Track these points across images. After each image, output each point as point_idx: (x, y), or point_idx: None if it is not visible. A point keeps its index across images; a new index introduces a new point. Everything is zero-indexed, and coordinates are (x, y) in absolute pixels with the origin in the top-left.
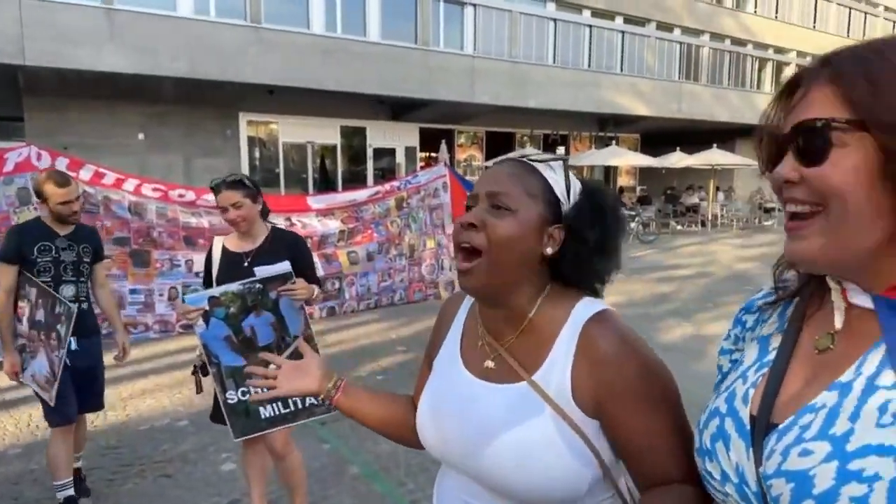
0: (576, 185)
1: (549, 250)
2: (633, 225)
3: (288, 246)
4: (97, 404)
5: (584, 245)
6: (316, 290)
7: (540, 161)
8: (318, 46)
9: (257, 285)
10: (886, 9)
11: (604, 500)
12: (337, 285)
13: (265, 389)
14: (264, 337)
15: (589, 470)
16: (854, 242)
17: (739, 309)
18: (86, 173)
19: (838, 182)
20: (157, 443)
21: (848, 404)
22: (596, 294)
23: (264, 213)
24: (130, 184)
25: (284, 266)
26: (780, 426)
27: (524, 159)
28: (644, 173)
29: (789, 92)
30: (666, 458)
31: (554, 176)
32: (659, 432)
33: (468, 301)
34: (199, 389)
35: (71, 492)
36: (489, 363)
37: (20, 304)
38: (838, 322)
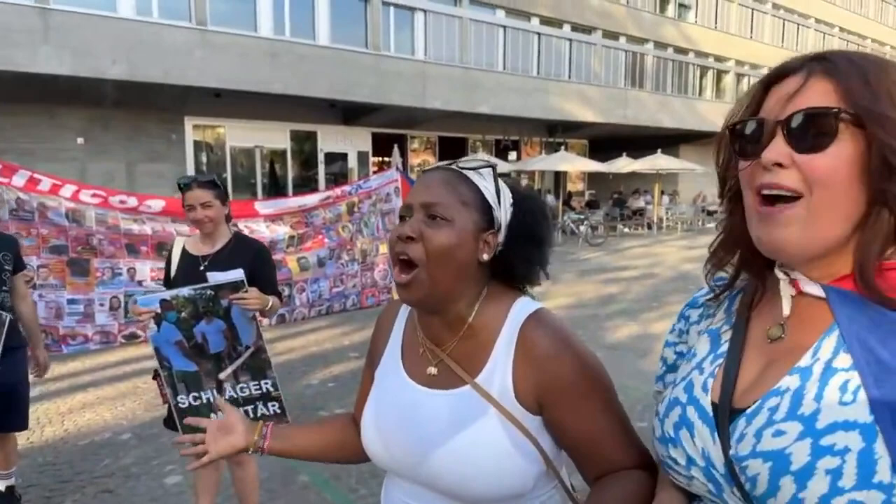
0: (505, 191)
1: (484, 256)
2: (581, 228)
3: (249, 254)
4: (19, 424)
5: (516, 248)
6: (271, 301)
7: (470, 169)
8: (266, 49)
9: (209, 291)
10: (817, 20)
11: (547, 492)
12: (287, 292)
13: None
14: (215, 344)
15: (534, 465)
16: (826, 233)
17: (684, 304)
18: (19, 179)
19: (830, 172)
20: (97, 458)
21: (811, 386)
22: (529, 290)
23: (227, 219)
24: (68, 190)
25: (237, 274)
26: (748, 410)
27: (455, 167)
28: (592, 178)
29: (770, 83)
30: (611, 449)
31: (484, 183)
32: (600, 424)
33: (405, 309)
34: (165, 399)
35: None
36: (432, 370)
37: None
38: (786, 310)
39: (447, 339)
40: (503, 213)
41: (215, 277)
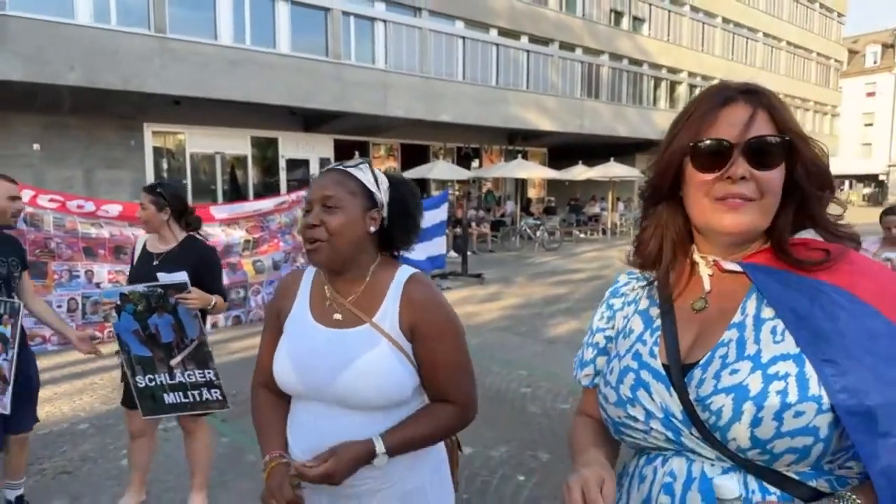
0: (382, 178)
1: (372, 228)
2: (538, 233)
3: (195, 256)
4: (32, 421)
5: (395, 219)
6: (214, 300)
7: (352, 166)
8: (226, 57)
9: (159, 290)
10: (765, 34)
11: (418, 403)
12: (242, 294)
13: None
14: (166, 336)
15: (412, 378)
16: (763, 223)
17: (607, 294)
18: None
19: (776, 183)
20: (56, 445)
21: (748, 334)
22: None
23: (190, 225)
24: (25, 194)
25: (181, 276)
26: (700, 362)
27: (341, 167)
28: (552, 185)
29: (721, 105)
30: (447, 378)
31: (365, 175)
32: (447, 358)
33: (309, 274)
34: (124, 377)
35: None
36: (337, 316)
37: None
38: (707, 286)
39: (351, 292)
40: (383, 195)
41: (164, 277)
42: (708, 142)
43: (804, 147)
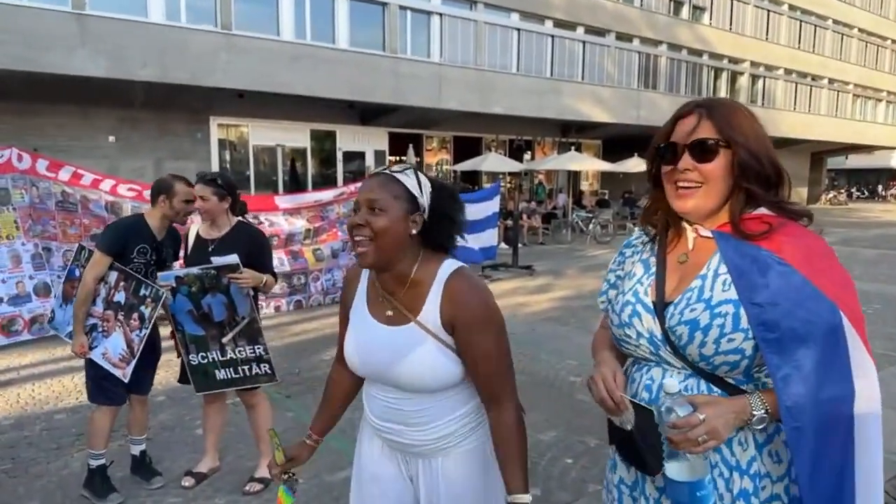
0: (426, 183)
1: (414, 231)
2: (590, 226)
3: (247, 239)
4: (151, 383)
5: (436, 222)
6: (265, 279)
7: (398, 172)
8: (288, 52)
9: (212, 271)
10: (835, 21)
11: (465, 387)
12: (303, 280)
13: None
14: (218, 314)
15: (458, 367)
16: (711, 203)
17: (622, 245)
18: (65, 174)
19: (717, 173)
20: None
21: (707, 283)
22: (452, 251)
23: (238, 210)
24: (107, 184)
25: (233, 258)
26: (675, 301)
27: (387, 172)
28: (605, 177)
29: (680, 117)
30: (490, 371)
31: (409, 180)
32: (488, 349)
33: (366, 271)
34: (179, 354)
35: (102, 462)
36: (389, 312)
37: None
38: (690, 245)
39: (398, 290)
40: (426, 199)
41: (217, 260)
42: (662, 144)
43: (740, 147)
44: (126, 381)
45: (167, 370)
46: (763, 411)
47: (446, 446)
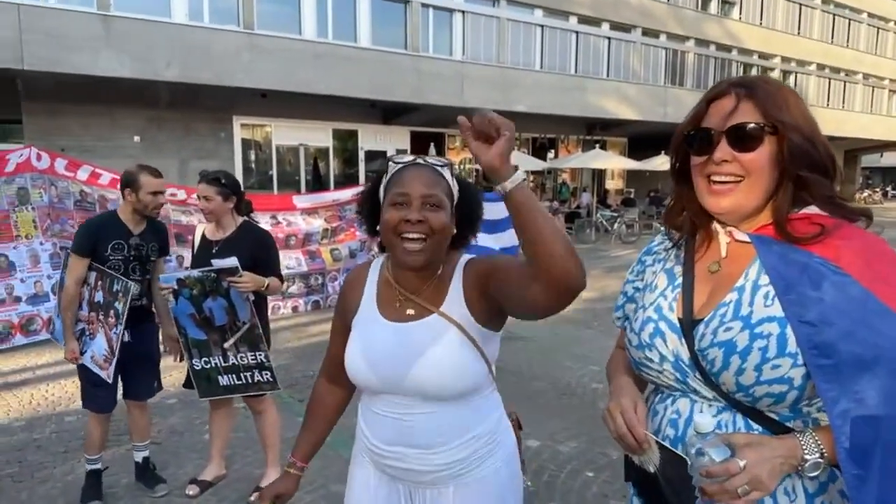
0: (454, 182)
1: (454, 230)
2: (615, 226)
3: (252, 239)
4: (153, 390)
5: (461, 220)
6: (267, 282)
7: (441, 166)
8: (310, 52)
9: (212, 274)
10: (870, 15)
11: (491, 391)
12: (320, 280)
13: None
14: (219, 318)
15: (482, 366)
16: (754, 200)
17: (641, 252)
18: (83, 173)
19: (760, 164)
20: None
21: (746, 297)
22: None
23: (243, 210)
24: None
25: (231, 261)
26: (706, 318)
27: (432, 166)
28: (631, 176)
29: (713, 99)
30: (515, 267)
31: (449, 177)
32: (509, 263)
33: (373, 273)
34: (180, 358)
35: (96, 466)
36: (410, 311)
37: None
38: (723, 251)
39: (421, 288)
40: (455, 197)
41: (217, 263)
42: (692, 131)
43: (790, 132)
44: (109, 381)
45: (181, 372)
46: (818, 455)
47: (460, 473)
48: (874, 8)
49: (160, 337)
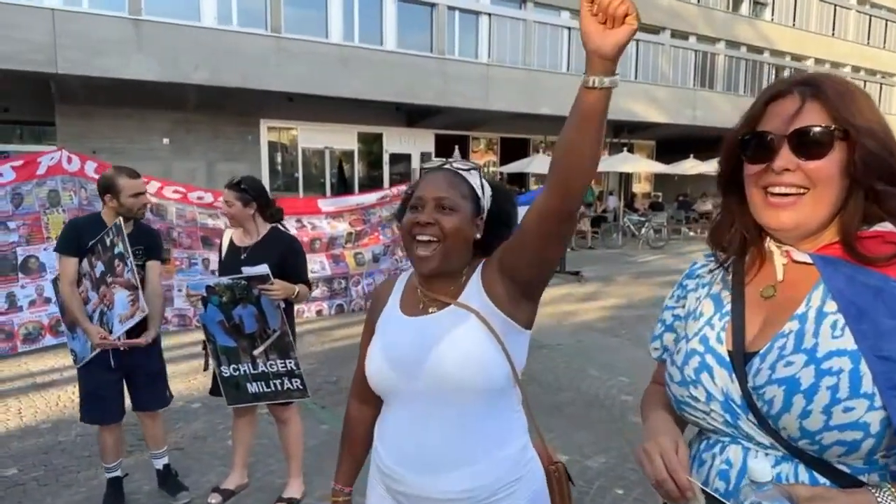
0: (486, 186)
1: (478, 235)
2: (643, 230)
3: (280, 246)
4: (161, 401)
5: (493, 226)
6: (297, 289)
7: (464, 170)
8: (337, 55)
9: (242, 281)
10: None
11: (516, 409)
12: (343, 284)
13: None
14: (249, 326)
15: (503, 361)
16: (820, 215)
17: (682, 276)
18: None
19: (828, 173)
20: (171, 422)
21: (809, 327)
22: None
23: (273, 217)
24: (153, 186)
25: (262, 269)
26: (761, 351)
27: (453, 169)
28: (659, 180)
29: (772, 99)
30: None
31: (475, 181)
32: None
33: (400, 282)
34: (206, 367)
35: (116, 474)
36: (433, 309)
37: (79, 288)
38: (780, 275)
39: (444, 291)
40: (486, 202)
41: (247, 270)
42: (747, 135)
43: (864, 138)
44: (146, 312)
45: (206, 377)
46: None
47: (483, 501)
48: None
49: (158, 343)
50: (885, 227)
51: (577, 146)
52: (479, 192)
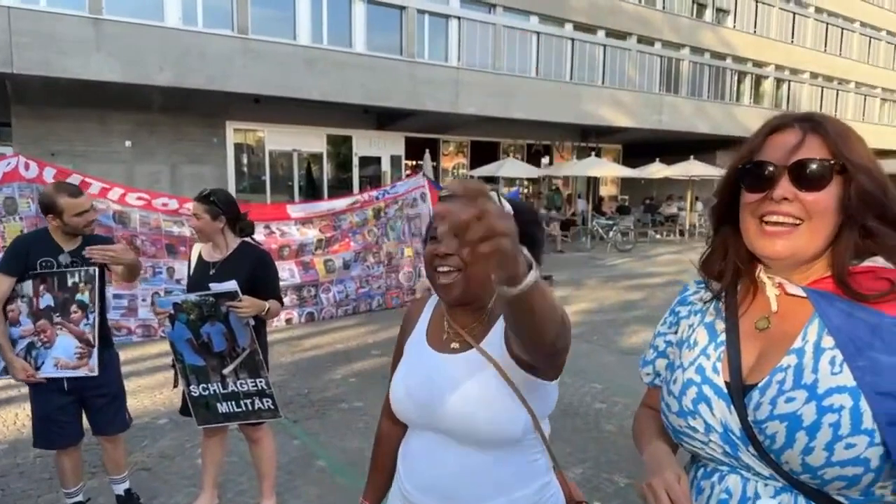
0: (508, 207)
1: None
2: (611, 234)
3: (251, 261)
4: (124, 424)
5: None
6: (268, 306)
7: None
8: (304, 57)
9: (210, 298)
10: (862, 24)
11: (536, 454)
12: (313, 292)
13: None
14: (218, 344)
15: (522, 415)
16: (814, 247)
17: (674, 302)
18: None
19: (825, 206)
20: (137, 439)
21: (807, 362)
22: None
23: (243, 231)
24: (115, 193)
25: (231, 285)
26: (759, 384)
27: None
28: (626, 183)
29: (773, 131)
30: None
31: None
32: None
33: (431, 304)
34: (175, 384)
35: (78, 499)
36: (455, 345)
37: (10, 306)
38: (774, 306)
39: (471, 324)
40: None
41: (215, 287)
42: (751, 164)
43: (860, 174)
44: (95, 374)
45: (173, 392)
46: None
47: (492, 495)
48: (867, 17)
49: (116, 365)
50: (877, 261)
51: (529, 331)
52: None
